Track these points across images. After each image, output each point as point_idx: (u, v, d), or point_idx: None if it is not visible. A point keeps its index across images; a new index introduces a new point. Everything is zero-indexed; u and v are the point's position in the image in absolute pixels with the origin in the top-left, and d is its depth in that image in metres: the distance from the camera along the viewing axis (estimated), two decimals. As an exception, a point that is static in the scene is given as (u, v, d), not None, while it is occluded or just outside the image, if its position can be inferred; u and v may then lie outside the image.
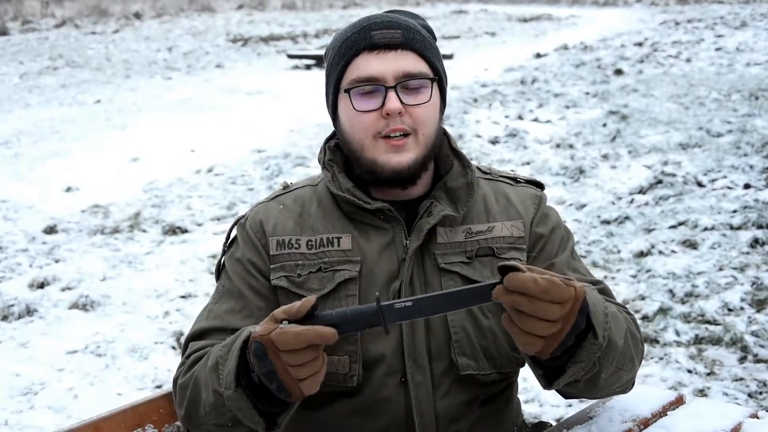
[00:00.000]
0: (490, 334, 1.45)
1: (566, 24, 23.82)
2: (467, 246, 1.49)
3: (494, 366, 1.46)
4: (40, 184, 7.49)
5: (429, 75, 1.45)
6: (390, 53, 1.42)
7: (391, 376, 1.43)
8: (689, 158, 7.21)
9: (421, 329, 1.44)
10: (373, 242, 1.47)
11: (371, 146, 1.43)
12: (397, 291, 1.44)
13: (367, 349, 1.43)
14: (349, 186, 1.48)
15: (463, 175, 1.51)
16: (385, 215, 1.47)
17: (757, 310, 4.15)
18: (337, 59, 1.47)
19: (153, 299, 4.76)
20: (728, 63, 13.25)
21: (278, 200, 1.56)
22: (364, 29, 1.44)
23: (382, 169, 1.44)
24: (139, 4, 27.18)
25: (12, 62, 16.59)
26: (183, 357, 1.47)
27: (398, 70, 1.42)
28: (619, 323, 1.34)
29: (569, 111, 9.95)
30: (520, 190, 1.57)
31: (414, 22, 1.49)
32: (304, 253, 1.48)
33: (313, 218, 1.51)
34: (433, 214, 1.47)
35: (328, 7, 31.18)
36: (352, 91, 1.43)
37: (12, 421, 3.48)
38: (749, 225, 5.36)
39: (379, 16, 1.48)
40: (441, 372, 1.44)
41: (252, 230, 1.51)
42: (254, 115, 10.61)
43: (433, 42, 1.50)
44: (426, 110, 1.44)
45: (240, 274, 1.49)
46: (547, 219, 1.55)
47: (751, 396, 3.39)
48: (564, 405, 3.33)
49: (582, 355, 1.22)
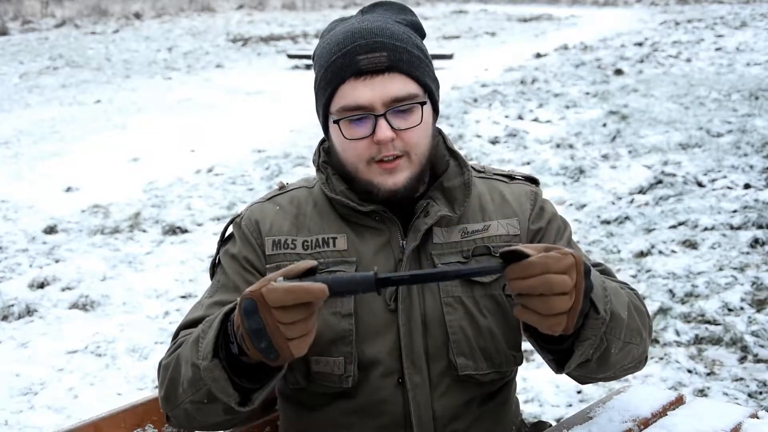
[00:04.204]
0: (488, 333, 1.44)
1: (566, 24, 23.82)
2: (463, 246, 1.48)
3: (492, 365, 1.46)
4: (40, 184, 7.49)
5: (418, 97, 1.41)
6: (377, 78, 1.38)
7: (388, 377, 1.43)
8: (689, 158, 7.21)
9: (418, 330, 1.43)
10: (368, 243, 1.47)
11: (365, 170, 1.42)
12: (393, 291, 1.44)
13: (363, 351, 1.42)
14: (343, 188, 1.47)
15: (460, 174, 1.50)
16: (380, 216, 1.46)
17: (757, 310, 4.15)
18: (323, 84, 1.44)
19: (153, 299, 4.76)
20: (728, 63, 13.25)
21: (274, 201, 1.55)
22: (348, 53, 1.39)
23: (378, 191, 1.43)
24: (139, 4, 27.18)
25: (12, 62, 16.59)
26: (171, 343, 1.46)
27: (386, 96, 1.38)
28: (620, 297, 1.36)
29: (569, 111, 9.95)
30: (515, 188, 1.57)
31: (400, 32, 1.43)
32: (299, 253, 1.47)
33: (309, 219, 1.51)
34: (430, 214, 1.46)
35: (328, 7, 31.18)
36: (341, 121, 1.40)
37: (12, 421, 3.48)
38: (749, 225, 5.36)
39: (363, 33, 1.41)
40: (439, 372, 1.44)
41: (248, 229, 1.51)
42: (254, 115, 10.61)
43: (421, 50, 1.45)
44: (417, 132, 1.42)
45: (236, 269, 1.49)
46: (543, 212, 1.55)
47: (751, 396, 3.39)
48: (564, 405, 3.33)
49: (587, 332, 1.24)
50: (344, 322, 1.42)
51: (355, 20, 1.47)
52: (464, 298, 1.45)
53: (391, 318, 1.43)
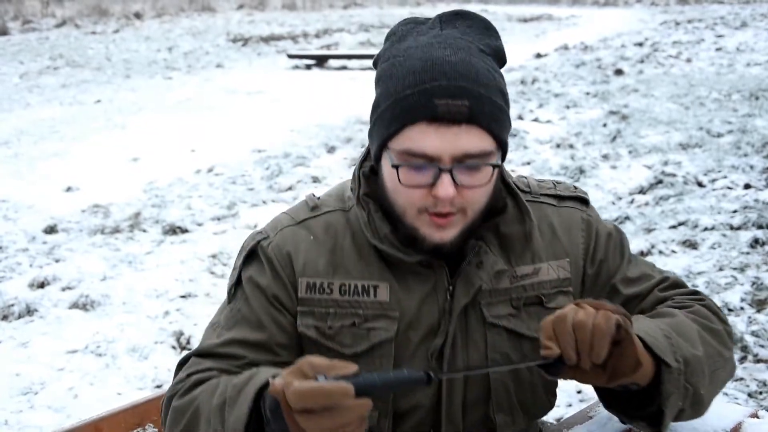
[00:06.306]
0: (529, 386, 1.39)
1: (566, 24, 23.82)
2: (513, 293, 1.36)
3: (529, 417, 1.42)
4: (40, 183, 7.48)
5: (491, 156, 1.24)
6: (452, 128, 1.20)
7: (421, 428, 1.37)
8: (689, 158, 7.21)
9: (460, 384, 1.35)
10: (413, 294, 1.33)
11: (414, 217, 1.27)
12: (438, 349, 1.33)
13: (399, 405, 1.34)
14: (387, 232, 1.32)
15: (520, 222, 1.36)
16: (426, 261, 1.33)
17: (757, 310, 4.15)
18: (389, 116, 1.24)
19: (153, 299, 4.76)
20: (728, 63, 13.25)
21: (307, 226, 1.38)
22: (425, 93, 1.20)
23: (423, 241, 1.28)
24: (139, 4, 27.18)
25: (12, 62, 16.59)
26: (182, 372, 1.34)
27: (458, 151, 1.21)
28: (688, 333, 1.28)
29: (569, 111, 9.95)
30: (565, 214, 1.43)
31: (484, 71, 1.24)
32: (336, 300, 1.33)
33: (347, 257, 1.35)
34: (485, 267, 1.33)
35: (329, 7, 31.18)
36: (400, 167, 1.24)
37: (12, 420, 3.48)
38: (749, 225, 5.36)
39: (445, 70, 1.21)
40: (473, 423, 1.38)
41: (279, 262, 1.35)
42: (254, 115, 10.60)
43: (504, 98, 1.27)
44: (481, 191, 1.26)
45: (262, 304, 1.34)
46: (599, 239, 1.43)
47: (751, 396, 3.39)
48: (564, 405, 3.33)
49: (668, 387, 1.20)
50: None
51: (434, 39, 1.26)
52: (511, 354, 1.36)
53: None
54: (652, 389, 1.22)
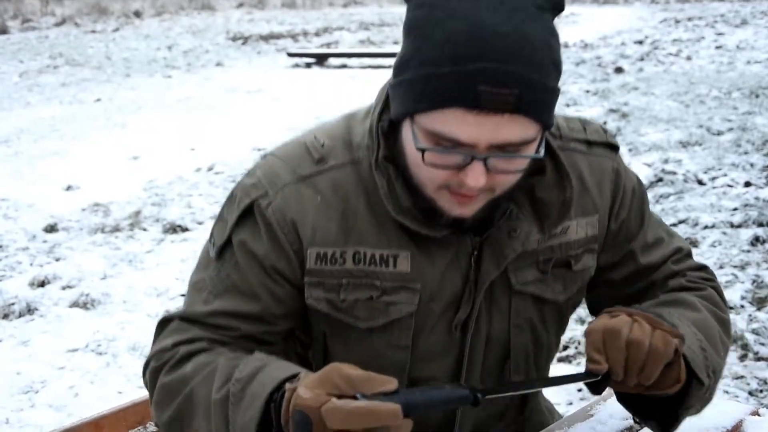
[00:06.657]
0: (547, 348, 1.36)
1: (566, 22, 23.79)
2: (540, 255, 1.25)
3: (540, 374, 1.39)
4: (40, 182, 7.48)
5: (534, 144, 1.08)
6: (494, 118, 1.02)
7: None
8: (690, 156, 7.21)
9: (480, 350, 1.28)
10: (436, 262, 1.21)
11: (434, 191, 1.13)
12: (462, 321, 1.24)
13: (416, 376, 1.25)
14: (409, 204, 1.16)
15: (560, 189, 1.20)
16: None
17: (757, 308, 4.15)
18: (419, 89, 1.05)
19: (153, 297, 4.76)
20: (729, 61, 13.24)
21: (313, 184, 1.20)
22: (468, 76, 1.01)
23: (442, 214, 1.15)
24: (139, 3, 27.16)
25: (12, 61, 16.57)
26: (167, 338, 1.22)
27: (497, 140, 1.04)
28: (712, 335, 1.25)
29: (570, 109, 9.94)
30: (595, 163, 1.29)
31: (539, 46, 1.03)
32: (350, 270, 1.19)
33: (361, 222, 1.19)
34: (518, 236, 1.20)
35: (328, 5, 31.16)
36: (427, 150, 1.07)
37: (13, 419, 3.48)
38: (750, 223, 5.36)
39: (494, 45, 1.00)
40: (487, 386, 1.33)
41: (281, 229, 1.18)
42: (254, 114, 10.60)
43: (558, 72, 1.07)
44: (514, 177, 1.13)
45: (256, 274, 1.19)
46: (625, 195, 1.31)
47: (752, 394, 3.39)
48: (564, 403, 3.33)
49: (692, 400, 1.20)
50: (399, 354, 1.24)
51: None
52: (535, 320, 1.30)
53: (451, 342, 1.26)
54: (675, 397, 1.20)
